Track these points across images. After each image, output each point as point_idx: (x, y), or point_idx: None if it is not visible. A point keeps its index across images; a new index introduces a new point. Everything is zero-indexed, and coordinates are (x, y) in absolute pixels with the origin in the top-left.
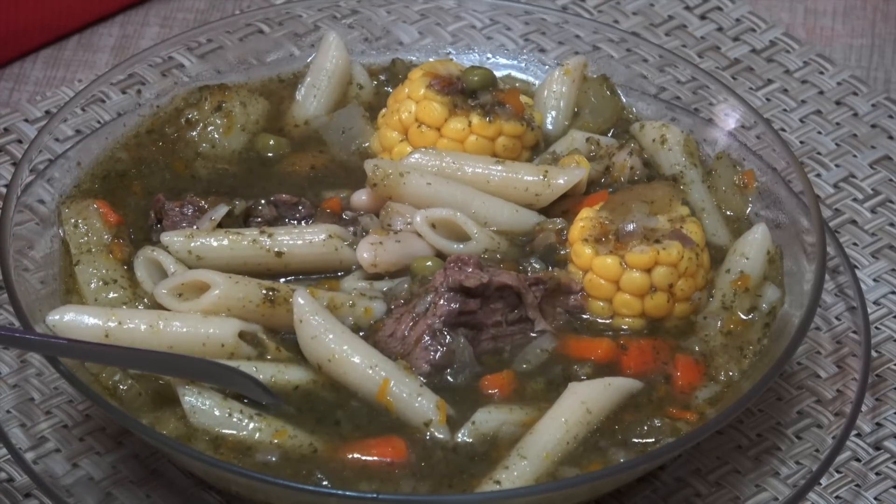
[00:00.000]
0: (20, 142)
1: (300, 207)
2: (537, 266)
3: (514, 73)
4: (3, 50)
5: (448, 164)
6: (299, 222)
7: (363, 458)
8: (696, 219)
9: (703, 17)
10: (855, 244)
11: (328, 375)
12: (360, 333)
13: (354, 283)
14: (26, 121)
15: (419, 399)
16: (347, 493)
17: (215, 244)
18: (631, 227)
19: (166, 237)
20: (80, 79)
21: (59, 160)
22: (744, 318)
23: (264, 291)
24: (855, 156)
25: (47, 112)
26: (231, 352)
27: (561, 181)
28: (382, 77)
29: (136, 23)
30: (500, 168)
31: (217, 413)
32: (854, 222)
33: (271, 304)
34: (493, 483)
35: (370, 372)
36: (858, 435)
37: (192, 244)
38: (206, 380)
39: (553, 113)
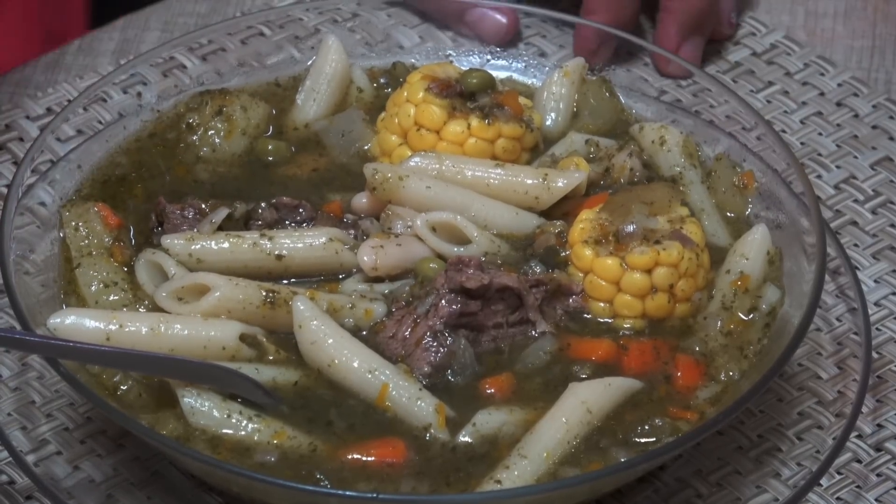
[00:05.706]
0: (21, 139)
1: (301, 210)
2: (538, 269)
3: (515, 76)
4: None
5: (448, 167)
6: (300, 225)
7: (363, 458)
8: (696, 219)
9: None
10: (856, 245)
11: (329, 380)
12: (363, 333)
13: (355, 286)
14: (27, 118)
15: (418, 403)
16: (347, 493)
17: (216, 247)
18: (631, 228)
19: (167, 240)
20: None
21: (60, 163)
22: (744, 318)
23: (264, 293)
24: (856, 157)
25: (48, 109)
26: (232, 354)
27: (560, 184)
28: (383, 80)
29: (136, 27)
30: (499, 171)
31: (216, 414)
32: (855, 223)
33: (271, 307)
34: (493, 483)
35: (369, 377)
36: (859, 436)
37: (193, 247)
38: (206, 382)
39: (552, 115)
